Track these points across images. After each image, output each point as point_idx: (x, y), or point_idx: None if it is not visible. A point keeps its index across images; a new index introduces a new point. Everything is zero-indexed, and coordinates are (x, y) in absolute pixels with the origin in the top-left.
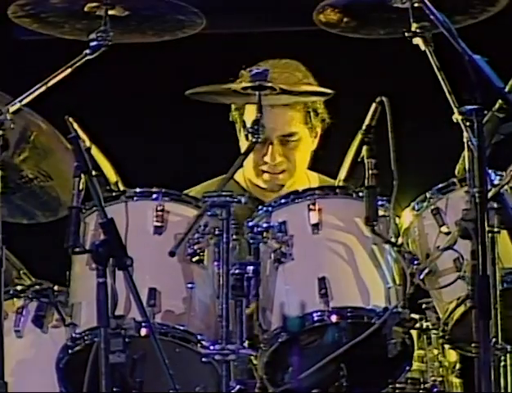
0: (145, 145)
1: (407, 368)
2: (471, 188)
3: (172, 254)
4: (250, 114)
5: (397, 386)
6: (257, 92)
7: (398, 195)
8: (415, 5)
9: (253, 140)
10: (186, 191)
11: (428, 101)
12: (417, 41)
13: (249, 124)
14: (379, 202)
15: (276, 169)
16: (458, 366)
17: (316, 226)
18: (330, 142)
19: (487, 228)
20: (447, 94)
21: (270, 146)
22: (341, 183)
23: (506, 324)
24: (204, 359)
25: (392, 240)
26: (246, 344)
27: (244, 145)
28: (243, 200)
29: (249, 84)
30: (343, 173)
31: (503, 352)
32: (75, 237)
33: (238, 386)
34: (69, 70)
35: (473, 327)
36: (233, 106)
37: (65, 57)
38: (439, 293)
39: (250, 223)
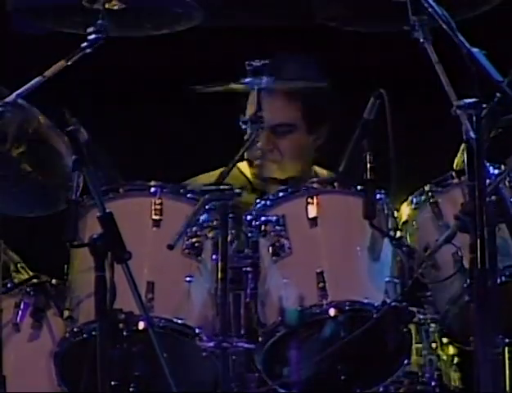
0: (144, 138)
1: (405, 361)
2: (469, 182)
3: (170, 247)
4: (251, 106)
5: (395, 380)
6: (255, 87)
7: (397, 188)
8: None
9: (254, 132)
10: (186, 182)
11: (426, 95)
12: (416, 34)
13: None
14: (378, 196)
15: (266, 157)
16: (456, 360)
17: (314, 220)
18: (328, 135)
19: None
20: (446, 87)
21: (263, 134)
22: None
23: (504, 318)
24: (202, 353)
25: (391, 233)
26: (244, 337)
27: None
28: (242, 193)
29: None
30: (341, 167)
31: (501, 345)
32: (74, 231)
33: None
34: (67, 64)
35: (472, 320)
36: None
37: (63, 51)
38: (438, 286)
39: (248, 217)
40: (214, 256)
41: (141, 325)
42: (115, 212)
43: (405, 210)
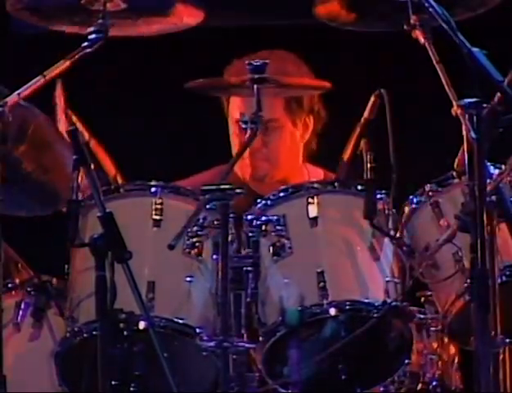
0: (144, 138)
1: (406, 361)
2: (470, 181)
3: (171, 247)
4: (236, 106)
5: (396, 379)
6: (255, 86)
7: (397, 188)
8: None
9: (253, 132)
10: (185, 180)
11: (427, 95)
12: (416, 34)
13: (237, 116)
14: (378, 196)
15: (257, 156)
16: (457, 359)
17: (314, 219)
18: (328, 135)
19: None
20: (446, 87)
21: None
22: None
23: (505, 317)
24: (202, 353)
25: (391, 233)
26: (245, 337)
27: (235, 138)
28: (242, 193)
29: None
30: (341, 167)
31: (502, 345)
32: (74, 231)
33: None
34: (68, 64)
35: (472, 320)
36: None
37: (64, 51)
38: (438, 286)
39: (249, 217)
40: (215, 256)
41: (142, 325)
42: (116, 212)
43: (405, 210)
